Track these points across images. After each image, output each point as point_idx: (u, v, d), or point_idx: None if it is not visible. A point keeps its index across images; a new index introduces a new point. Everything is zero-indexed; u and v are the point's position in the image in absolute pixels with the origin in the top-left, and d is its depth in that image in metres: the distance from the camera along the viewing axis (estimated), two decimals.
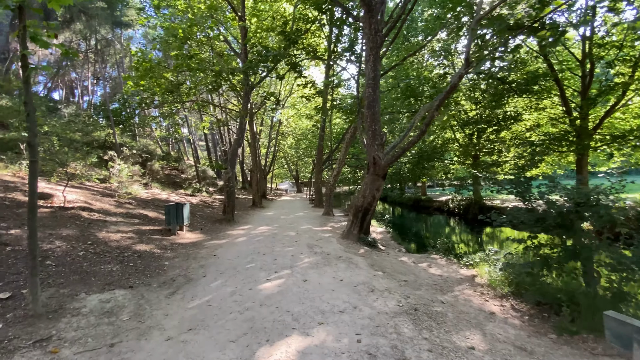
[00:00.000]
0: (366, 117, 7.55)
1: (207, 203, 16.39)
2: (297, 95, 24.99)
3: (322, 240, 7.46)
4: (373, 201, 7.61)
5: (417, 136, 6.63)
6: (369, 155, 7.54)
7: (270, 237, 8.16)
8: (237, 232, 9.34)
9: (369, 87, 7.43)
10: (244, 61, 12.07)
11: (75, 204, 8.25)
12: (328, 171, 25.80)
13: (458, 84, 5.96)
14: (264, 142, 33.25)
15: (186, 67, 9.68)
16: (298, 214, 14.84)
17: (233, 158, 11.42)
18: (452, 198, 21.57)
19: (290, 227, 10.17)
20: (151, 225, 8.61)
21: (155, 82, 11.79)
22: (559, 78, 12.81)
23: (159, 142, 31.52)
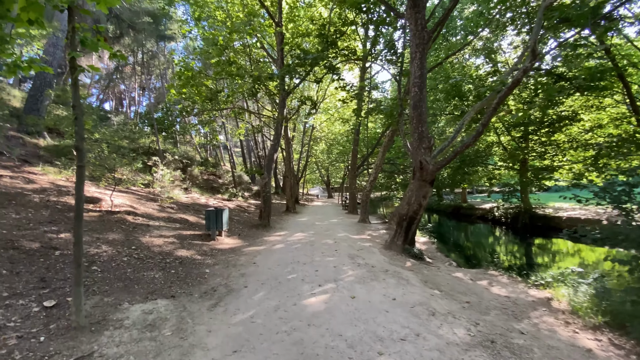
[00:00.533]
0: (411, 119, 7.03)
1: (243, 208, 16.56)
2: (331, 100, 24.83)
3: (363, 251, 7.00)
4: (419, 209, 7.02)
5: (472, 138, 6.00)
6: (414, 159, 6.99)
7: (308, 244, 7.85)
8: (273, 238, 9.15)
9: (414, 86, 6.92)
10: (280, 67, 12.06)
11: (122, 208, 8.54)
12: (362, 177, 25.23)
13: (522, 79, 5.28)
14: (297, 148, 33.44)
15: (225, 73, 9.80)
16: (332, 220, 14.47)
17: (269, 164, 11.35)
18: (498, 206, 20.02)
19: (326, 234, 9.81)
20: (191, 229, 8.67)
21: (195, 90, 12.13)
22: (623, 74, 11.34)
23: (198, 149, 32.89)
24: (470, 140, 6.01)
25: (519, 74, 5.16)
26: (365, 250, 7.09)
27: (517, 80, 5.23)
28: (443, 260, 7.61)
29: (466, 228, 19.78)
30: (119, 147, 15.80)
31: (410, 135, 7.18)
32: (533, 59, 5.05)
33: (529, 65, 5.08)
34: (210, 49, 12.06)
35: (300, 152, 28.78)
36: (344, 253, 6.69)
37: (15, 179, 7.54)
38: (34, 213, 5.90)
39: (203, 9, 14.09)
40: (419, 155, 6.86)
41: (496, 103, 5.50)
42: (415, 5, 6.78)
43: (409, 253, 6.99)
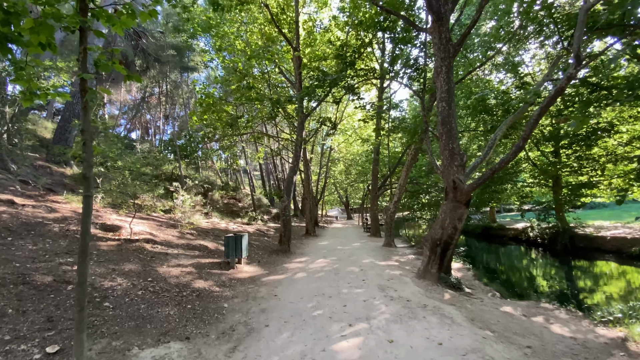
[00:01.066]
0: (440, 135, 6.56)
1: (262, 232, 16.22)
2: (348, 122, 24.76)
3: (394, 281, 6.37)
4: (454, 233, 6.38)
5: (512, 153, 5.43)
6: (446, 178, 6.44)
7: (332, 273, 7.28)
8: (294, 265, 8.65)
9: (442, 101, 6.51)
10: (298, 90, 12.07)
11: (141, 235, 8.38)
12: (382, 197, 24.48)
13: (566, 87, 4.77)
14: (315, 170, 33.34)
15: (245, 99, 9.83)
16: (355, 244, 13.80)
17: (289, 186, 11.05)
18: (532, 225, 18.63)
19: (350, 260, 9.20)
20: (210, 257, 8.35)
21: (216, 116, 12.27)
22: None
23: (219, 173, 33.46)
24: (509, 155, 5.45)
25: (563, 82, 4.65)
26: (397, 280, 6.45)
27: (560, 88, 4.71)
28: (483, 290, 6.81)
29: (499, 250, 18.43)
30: (142, 174, 16.17)
31: (440, 153, 6.69)
32: (578, 65, 4.55)
33: (574, 72, 4.57)
34: (230, 76, 12.32)
35: (319, 173, 28.59)
36: (373, 283, 6.09)
37: (38, 208, 7.58)
38: (52, 243, 5.77)
39: (223, 39, 14.60)
40: (451, 174, 6.33)
41: (538, 114, 4.98)
42: (439, 19, 6.50)
43: (445, 282, 6.29)
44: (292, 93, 14.95)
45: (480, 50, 14.21)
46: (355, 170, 27.76)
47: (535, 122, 5.07)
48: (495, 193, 20.42)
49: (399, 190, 12.45)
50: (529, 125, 5.13)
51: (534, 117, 5.06)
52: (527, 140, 5.23)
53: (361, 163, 25.95)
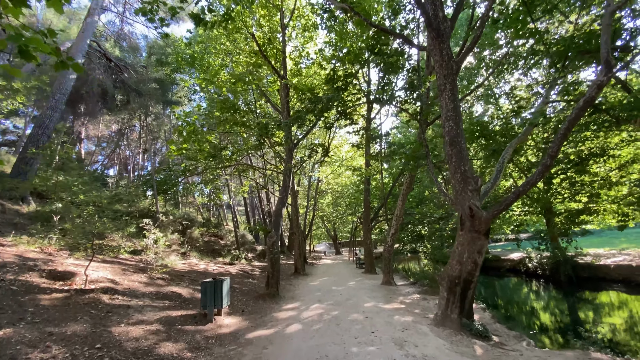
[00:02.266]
0: (450, 157, 5.87)
1: (246, 272, 14.67)
2: (335, 153, 24.36)
3: (410, 332, 5.24)
4: (475, 269, 5.46)
5: (538, 174, 4.74)
6: (460, 205, 5.65)
7: (333, 323, 6.07)
8: (286, 313, 7.34)
9: (448, 120, 5.92)
10: (286, 118, 11.51)
11: (99, 283, 6.96)
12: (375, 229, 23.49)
13: (596, 97, 4.25)
14: (302, 203, 32.31)
15: (230, 125, 9.06)
16: (350, 283, 12.52)
17: (277, 219, 9.98)
18: (529, 256, 17.95)
19: (350, 304, 7.98)
20: (184, 308, 6.96)
21: (198, 146, 11.36)
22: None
23: (200, 209, 31.75)
24: (536, 176, 4.76)
25: (593, 91, 4.14)
26: (412, 330, 5.33)
27: (590, 98, 4.18)
28: (512, 336, 5.75)
29: (499, 283, 17.45)
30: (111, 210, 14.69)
31: (450, 178, 5.96)
32: (608, 72, 4.06)
33: (605, 79, 4.08)
34: (214, 105, 11.66)
35: (307, 206, 27.51)
36: (386, 336, 4.95)
37: None
38: None
39: (208, 71, 14.16)
40: (466, 200, 5.54)
41: (566, 128, 4.39)
42: (439, 36, 6.13)
43: (470, 330, 5.23)
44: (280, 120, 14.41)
45: (467, 79, 14.39)
46: (344, 202, 26.90)
47: (563, 137, 4.46)
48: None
49: (396, 222, 11.58)
50: (556, 141, 4.52)
51: (561, 132, 4.46)
52: (554, 157, 4.59)
53: (350, 194, 25.20)
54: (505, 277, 18.66)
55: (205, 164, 15.92)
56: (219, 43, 14.81)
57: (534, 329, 7.99)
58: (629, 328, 7.45)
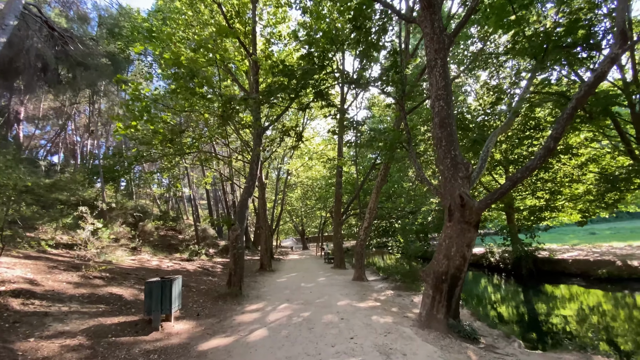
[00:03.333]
0: (438, 141, 5.29)
1: (206, 269, 13.40)
2: (306, 146, 23.48)
3: (393, 336, 4.59)
4: (463, 265, 4.94)
5: (540, 158, 4.27)
6: (449, 194, 5.09)
7: (304, 327, 5.25)
8: (249, 316, 6.40)
9: (439, 99, 5.33)
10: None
11: (11, 284, 5.53)
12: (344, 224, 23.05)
13: (608, 72, 3.83)
14: (269, 197, 31.10)
15: (187, 91, 7.73)
16: (320, 279, 11.80)
17: (242, 211, 8.94)
18: (491, 250, 18.50)
19: (322, 303, 7.23)
20: (124, 313, 5.76)
21: (151, 126, 9.87)
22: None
23: (157, 201, 29.31)
24: (536, 161, 4.29)
25: (605, 65, 3.72)
26: (395, 333, 4.68)
27: (602, 73, 3.76)
28: (497, 336, 5.34)
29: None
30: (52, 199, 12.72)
31: (438, 164, 5.38)
32: (623, 44, 3.65)
33: (619, 52, 3.67)
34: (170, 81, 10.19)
35: (274, 200, 26.39)
36: (368, 343, 4.24)
37: None
38: None
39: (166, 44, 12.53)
40: (455, 188, 4.99)
41: (572, 107, 3.94)
42: (430, 6, 5.49)
43: (458, 332, 4.70)
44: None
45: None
46: (314, 196, 26.16)
47: (569, 117, 4.01)
48: None
49: (369, 215, 11.03)
50: (561, 122, 4.05)
51: (568, 111, 4.01)
52: (558, 140, 4.14)
53: (320, 188, 24.48)
54: (468, 271, 19.14)
55: (162, 150, 14.29)
56: (180, 14, 13.20)
57: (515, 326, 7.84)
58: (606, 325, 7.50)
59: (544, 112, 13.41)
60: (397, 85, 7.37)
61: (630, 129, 12.31)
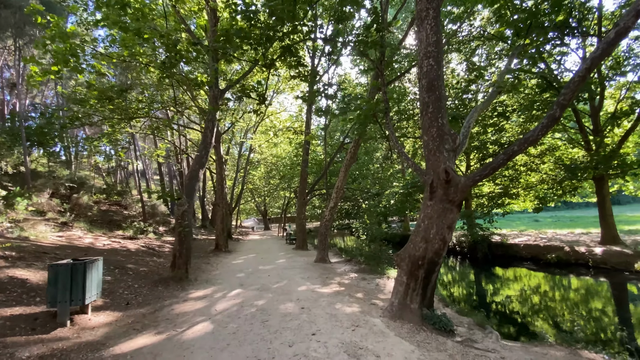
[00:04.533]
0: (424, 106, 4.55)
1: (151, 249, 11.95)
2: (272, 121, 22.02)
3: (362, 330, 3.90)
4: (442, 249, 4.36)
5: (543, 127, 3.66)
6: (432, 168, 4.42)
7: (257, 320, 4.40)
8: (192, 305, 5.39)
9: (428, 57, 4.54)
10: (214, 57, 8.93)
11: None
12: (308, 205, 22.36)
13: (632, 27, 3.26)
14: (230, 175, 29.35)
15: (131, 40, 6.18)
16: (280, 261, 11.02)
17: (192, 183, 7.70)
18: None
19: (280, 289, 6.42)
20: (22, 304, 4.47)
21: (79, 74, 8.01)
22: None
23: (102, 172, 26.20)
24: (538, 132, 3.69)
25: (628, 20, 3.13)
26: (365, 327, 4.00)
27: (625, 29, 3.16)
28: (467, 324, 4.95)
29: None
30: None
31: (423, 133, 4.66)
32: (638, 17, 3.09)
33: (630, 25, 3.10)
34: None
35: (235, 178, 24.82)
36: (334, 342, 3.49)
37: None
38: None
39: None
40: (440, 162, 4.32)
41: (587, 69, 3.34)
42: None
43: (433, 324, 4.15)
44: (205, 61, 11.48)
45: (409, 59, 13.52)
46: (278, 175, 24.97)
47: (581, 80, 3.42)
48: (416, 202, 20.40)
49: (336, 194, 10.32)
50: (571, 86, 3.46)
51: (581, 74, 3.41)
52: (565, 107, 3.56)
53: (285, 166, 23.34)
54: None
55: (104, 112, 12.23)
56: None
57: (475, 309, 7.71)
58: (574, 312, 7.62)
59: (511, 100, 13.51)
60: (376, 47, 6.47)
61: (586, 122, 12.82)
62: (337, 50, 6.97)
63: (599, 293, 8.91)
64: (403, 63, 11.28)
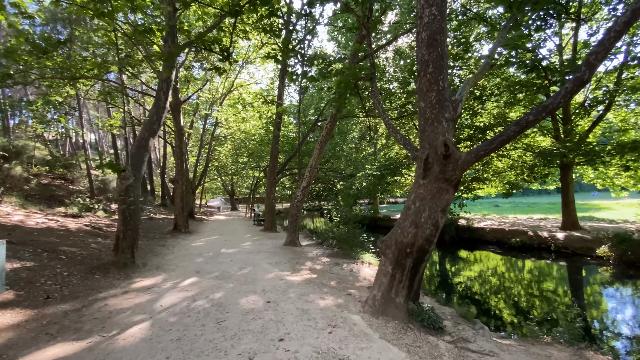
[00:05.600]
0: (423, 65, 3.79)
1: (98, 229, 10.52)
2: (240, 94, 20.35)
3: (341, 332, 3.23)
4: (434, 235, 3.76)
5: (567, 91, 3.07)
6: (428, 141, 3.73)
7: (211, 320, 3.57)
8: (132, 299, 4.43)
9: (430, 5, 3.75)
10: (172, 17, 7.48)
11: None
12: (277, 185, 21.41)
13: None
14: (194, 151, 27.33)
15: None
16: (245, 243, 10.15)
17: (139, 153, 6.49)
18: None
19: (244, 278, 5.60)
20: None
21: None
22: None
23: (46, 142, 23.14)
24: (559, 98, 3.07)
25: None
26: (344, 327, 3.33)
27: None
28: (449, 315, 4.51)
29: None
30: None
31: (419, 98, 3.92)
32: None
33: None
34: None
35: (199, 154, 23.05)
36: (305, 350, 2.78)
37: None
38: None
39: None
40: (439, 133, 3.64)
41: (624, 22, 2.75)
42: None
43: (420, 320, 3.60)
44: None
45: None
46: (246, 152, 23.50)
47: (618, 35, 2.82)
48: (388, 185, 20.25)
49: (310, 174, 9.53)
50: (605, 43, 2.81)
51: (615, 28, 2.79)
52: (595, 68, 2.94)
53: (254, 144, 21.94)
54: None
55: (41, 69, 10.27)
56: None
57: (449, 294, 7.48)
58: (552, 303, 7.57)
59: (489, 84, 13.29)
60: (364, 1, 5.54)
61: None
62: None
63: (564, 277, 9.14)
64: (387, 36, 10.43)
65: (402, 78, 10.45)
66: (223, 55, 5.62)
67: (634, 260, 9.25)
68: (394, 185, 22.26)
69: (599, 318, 6.00)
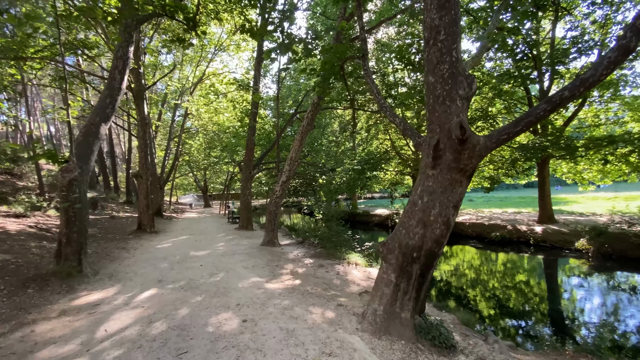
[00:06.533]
0: (433, 32, 3.16)
1: (45, 230, 9.13)
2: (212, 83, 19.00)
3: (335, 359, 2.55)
4: (444, 235, 3.17)
5: (611, 62, 2.56)
6: (438, 122, 3.12)
7: (169, 350, 2.77)
8: (69, 321, 3.50)
9: None
10: None
11: None
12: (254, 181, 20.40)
13: None
14: (163, 145, 25.49)
15: None
16: (218, 244, 9.22)
17: (87, 141, 5.43)
18: (397, 212, 19.11)
19: (215, 288, 4.77)
20: None
21: None
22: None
23: None
24: (603, 67, 2.56)
25: None
26: (341, 355, 2.66)
27: None
28: (451, 322, 3.99)
29: (368, 237, 17.71)
30: None
31: (427, 72, 3.28)
32: None
33: None
34: None
35: (167, 147, 21.41)
36: None
37: None
38: None
39: None
40: (452, 113, 3.03)
41: None
42: None
43: (431, 338, 3.01)
44: None
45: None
46: (220, 145, 22.16)
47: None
48: (368, 180, 19.91)
49: (290, 167, 8.76)
50: None
51: None
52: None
53: (228, 138, 20.69)
54: (373, 231, 19.40)
55: None
56: None
57: (439, 295, 7.04)
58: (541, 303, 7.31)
59: (476, 73, 13.15)
60: None
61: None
62: None
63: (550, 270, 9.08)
64: None
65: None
66: (188, 25, 4.71)
67: (611, 253, 9.38)
68: (373, 180, 21.96)
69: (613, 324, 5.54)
